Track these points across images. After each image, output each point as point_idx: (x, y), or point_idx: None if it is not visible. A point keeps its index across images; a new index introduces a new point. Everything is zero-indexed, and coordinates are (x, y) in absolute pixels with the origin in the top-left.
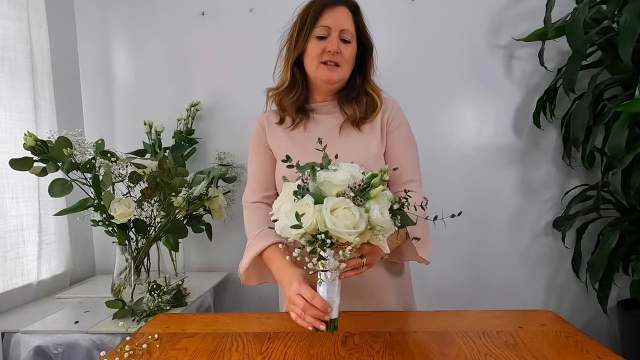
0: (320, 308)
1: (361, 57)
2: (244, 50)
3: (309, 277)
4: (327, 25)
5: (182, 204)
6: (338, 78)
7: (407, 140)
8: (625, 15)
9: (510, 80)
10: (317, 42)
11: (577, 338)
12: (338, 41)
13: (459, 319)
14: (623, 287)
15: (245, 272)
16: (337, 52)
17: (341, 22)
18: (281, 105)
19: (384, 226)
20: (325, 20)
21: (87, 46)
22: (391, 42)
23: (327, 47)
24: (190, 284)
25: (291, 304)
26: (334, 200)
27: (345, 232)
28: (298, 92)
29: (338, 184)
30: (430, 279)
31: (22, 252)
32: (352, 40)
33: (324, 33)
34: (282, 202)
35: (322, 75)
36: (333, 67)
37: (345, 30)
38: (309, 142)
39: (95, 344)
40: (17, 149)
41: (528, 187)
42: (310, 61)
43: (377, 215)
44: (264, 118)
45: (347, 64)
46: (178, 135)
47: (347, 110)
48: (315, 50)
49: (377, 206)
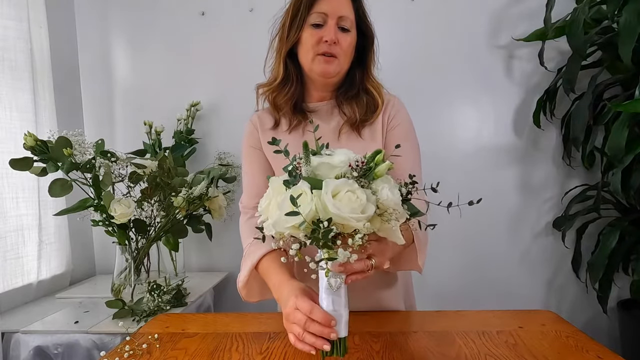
0: (322, 322)
1: (361, 49)
2: (244, 50)
3: (309, 291)
4: (323, 11)
5: (182, 204)
6: (335, 71)
7: (407, 138)
8: (625, 15)
9: (510, 80)
10: (313, 30)
11: (577, 338)
12: (336, 30)
13: (459, 319)
14: (623, 287)
15: (244, 287)
16: (334, 42)
17: (339, 8)
18: (275, 103)
19: (396, 209)
20: (321, 5)
21: (87, 46)
22: (391, 42)
23: (324, 36)
24: (190, 284)
25: (288, 323)
26: (335, 183)
27: (352, 217)
28: (292, 87)
29: (337, 165)
30: (430, 279)
31: (22, 252)
32: (352, 28)
33: (319, 20)
34: (270, 199)
35: (318, 68)
36: (330, 59)
37: (344, 17)
38: None
39: (95, 344)
40: (17, 149)
41: (528, 187)
42: (305, 52)
43: (387, 196)
44: (256, 118)
45: (345, 56)
46: (178, 135)
47: (346, 111)
48: (310, 40)
49: (387, 185)
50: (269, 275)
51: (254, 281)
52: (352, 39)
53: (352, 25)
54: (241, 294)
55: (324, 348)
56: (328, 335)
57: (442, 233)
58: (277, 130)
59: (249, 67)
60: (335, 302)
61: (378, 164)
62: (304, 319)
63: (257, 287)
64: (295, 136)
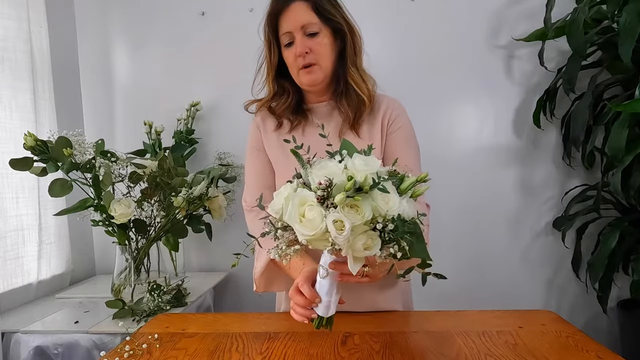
0: (307, 296)
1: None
2: (244, 50)
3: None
4: (287, 30)
5: (182, 204)
6: (320, 78)
7: (408, 142)
8: (625, 15)
9: (510, 80)
10: (287, 50)
11: (577, 338)
12: (303, 40)
13: (459, 319)
14: (623, 287)
15: (260, 278)
16: (305, 52)
17: (298, 19)
18: (275, 112)
19: (336, 242)
20: (282, 26)
21: (87, 46)
22: (391, 42)
23: (295, 51)
24: (190, 284)
25: (293, 300)
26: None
27: (297, 226)
28: (290, 97)
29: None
30: (430, 279)
31: (22, 252)
32: (320, 29)
33: (288, 39)
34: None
35: (304, 80)
36: (310, 69)
37: (306, 25)
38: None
39: (95, 344)
40: (17, 149)
41: (528, 187)
42: (291, 70)
43: (331, 227)
44: (259, 119)
45: (323, 58)
46: (178, 135)
47: (342, 109)
48: (289, 59)
49: (339, 215)
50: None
51: (265, 275)
52: (322, 39)
53: (320, 27)
54: (256, 284)
55: (312, 316)
56: (308, 306)
57: (442, 233)
58: (280, 130)
59: (249, 67)
60: (322, 287)
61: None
62: (296, 295)
63: (264, 279)
64: (296, 136)
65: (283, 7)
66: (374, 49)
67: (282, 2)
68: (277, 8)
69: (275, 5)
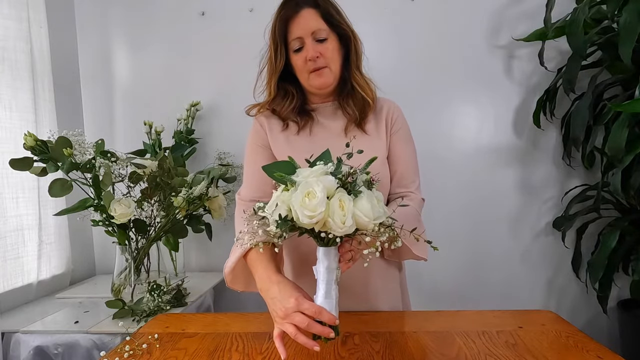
0: (311, 312)
1: (347, 49)
2: (244, 50)
3: (303, 291)
4: (297, 36)
5: (182, 204)
6: (330, 80)
7: (407, 141)
8: (625, 15)
9: (510, 80)
10: (296, 55)
11: (577, 338)
12: (314, 45)
13: (459, 319)
14: (623, 287)
15: (231, 273)
16: (316, 56)
17: (308, 25)
18: (279, 114)
19: None
20: (293, 32)
21: (87, 46)
22: (391, 41)
23: (307, 56)
24: (190, 284)
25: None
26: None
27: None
28: (295, 100)
29: None
30: (430, 279)
31: (22, 252)
32: (329, 35)
33: (298, 44)
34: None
35: (315, 83)
36: (321, 71)
37: (316, 31)
38: (313, 146)
39: (95, 344)
40: (17, 149)
41: (528, 187)
42: (300, 74)
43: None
44: (263, 119)
45: (333, 62)
46: (178, 135)
47: (349, 110)
48: (299, 63)
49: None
50: (256, 266)
51: (241, 272)
52: (331, 44)
53: (328, 33)
54: (226, 279)
55: (330, 336)
56: (328, 335)
57: (442, 233)
58: (287, 131)
59: (249, 67)
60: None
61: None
62: (306, 320)
63: (243, 277)
64: (303, 136)
65: (293, 13)
66: (374, 49)
67: (292, 9)
68: (288, 14)
69: (285, 11)
